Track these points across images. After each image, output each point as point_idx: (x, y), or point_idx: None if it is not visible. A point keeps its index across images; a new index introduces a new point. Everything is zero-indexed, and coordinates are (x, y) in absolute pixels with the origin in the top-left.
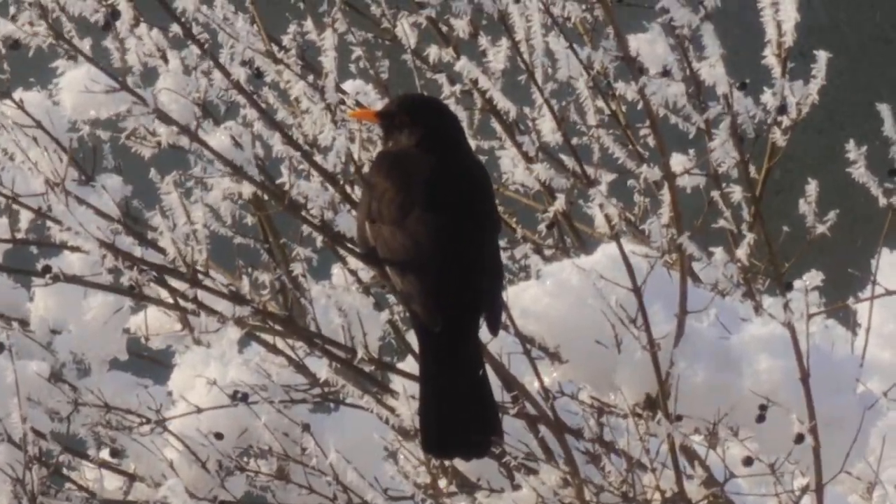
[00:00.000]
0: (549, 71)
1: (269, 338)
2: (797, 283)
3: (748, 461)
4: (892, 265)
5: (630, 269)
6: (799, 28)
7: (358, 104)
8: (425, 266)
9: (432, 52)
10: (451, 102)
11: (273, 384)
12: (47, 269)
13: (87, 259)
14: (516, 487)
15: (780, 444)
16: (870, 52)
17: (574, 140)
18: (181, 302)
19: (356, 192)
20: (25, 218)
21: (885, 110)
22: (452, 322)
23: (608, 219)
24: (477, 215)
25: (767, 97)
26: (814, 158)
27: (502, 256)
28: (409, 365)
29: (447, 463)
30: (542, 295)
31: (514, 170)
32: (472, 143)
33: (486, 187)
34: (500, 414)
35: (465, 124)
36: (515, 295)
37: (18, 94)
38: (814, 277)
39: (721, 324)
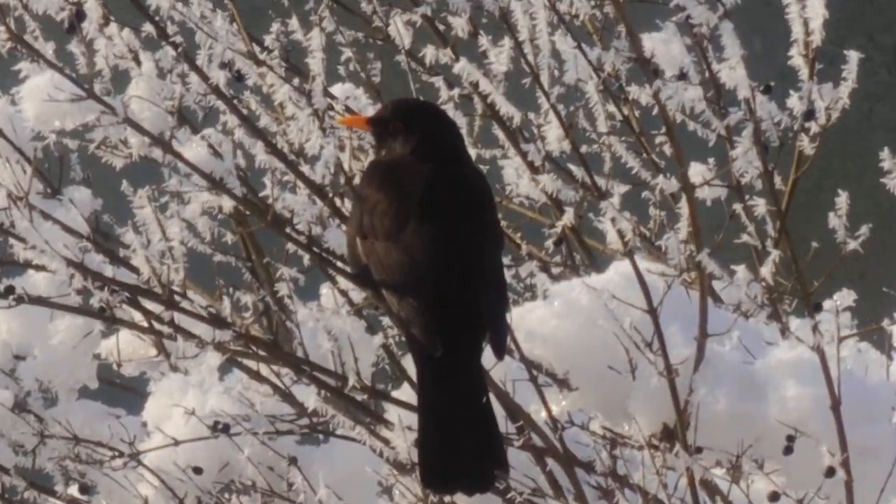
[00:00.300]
0: (556, 73)
1: (252, 364)
2: (827, 304)
3: (774, 496)
4: None
5: (645, 289)
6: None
7: (348, 110)
8: (423, 284)
9: (428, 52)
10: (449, 108)
11: (257, 414)
12: (10, 289)
13: (54, 279)
14: None
15: (810, 477)
16: None
17: (583, 148)
18: (156, 325)
19: (346, 206)
20: None
21: None
22: (453, 345)
23: (621, 234)
24: (478, 229)
25: (794, 101)
26: (845, 168)
27: (506, 275)
28: (405, 393)
29: (447, 499)
30: (549, 316)
31: (519, 181)
32: (473, 152)
33: (487, 199)
34: (504, 446)
35: (464, 131)
36: (521, 316)
37: None
38: (845, 297)
39: (744, 347)
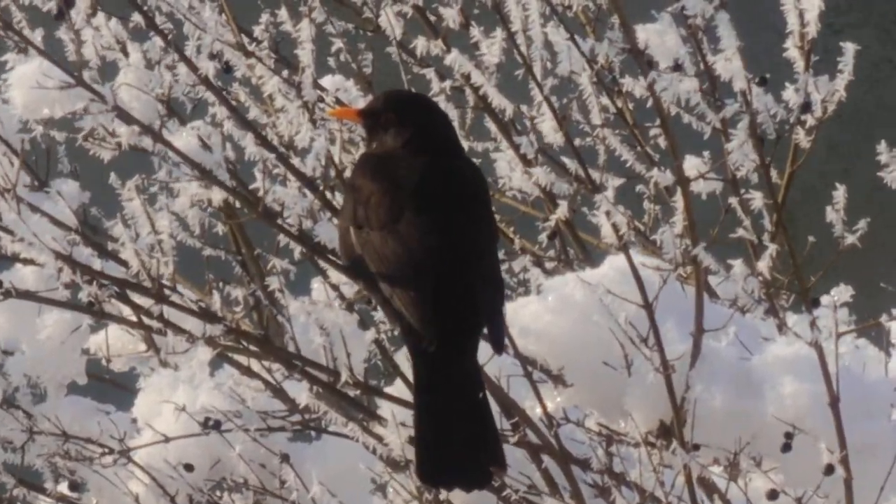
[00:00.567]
0: (549, 65)
1: (243, 359)
2: (824, 299)
3: (773, 494)
4: None
5: (640, 284)
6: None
7: (338, 102)
8: (419, 275)
9: (420, 44)
10: (440, 100)
11: (248, 410)
12: None
13: (42, 273)
14: None
15: (808, 475)
16: None
17: (577, 141)
18: (146, 320)
19: (337, 199)
20: None
21: None
22: (450, 338)
23: (615, 228)
24: (473, 222)
25: (790, 93)
26: (841, 161)
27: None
28: (398, 389)
29: (442, 496)
30: (543, 312)
31: (512, 174)
32: (465, 145)
33: (482, 192)
34: (501, 442)
35: (456, 124)
36: (514, 312)
37: None
38: (843, 292)
39: (741, 343)
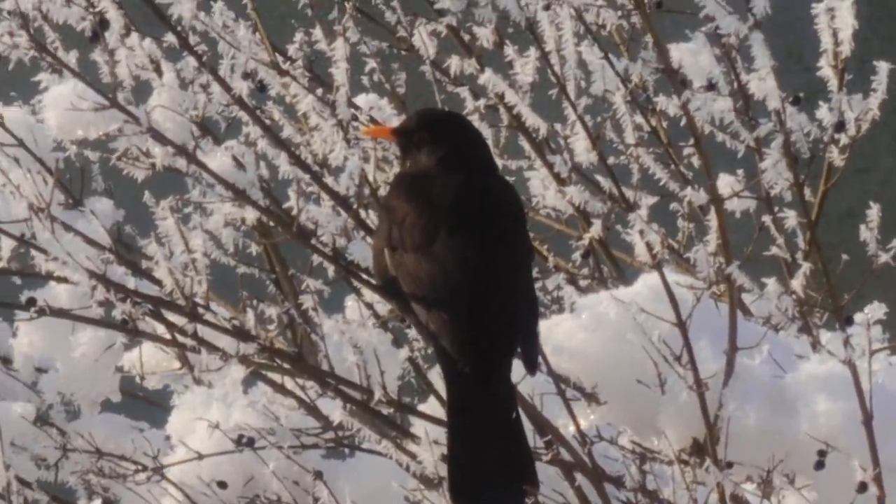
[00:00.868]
0: (583, 84)
1: (276, 377)
2: (858, 317)
3: None
4: None
5: (674, 302)
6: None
7: (372, 120)
8: (454, 297)
9: (453, 63)
10: (474, 118)
11: (282, 428)
12: (32, 301)
13: (76, 291)
14: None
15: (841, 493)
16: None
17: (611, 160)
18: (179, 337)
19: (371, 218)
20: (7, 246)
21: None
22: (484, 359)
23: (649, 246)
24: (508, 241)
25: (823, 112)
26: (876, 179)
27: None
28: (431, 407)
29: None
30: (577, 330)
31: (545, 192)
32: (499, 164)
33: (516, 211)
34: (534, 461)
35: (490, 143)
36: (548, 330)
37: None
38: (876, 310)
39: (775, 361)
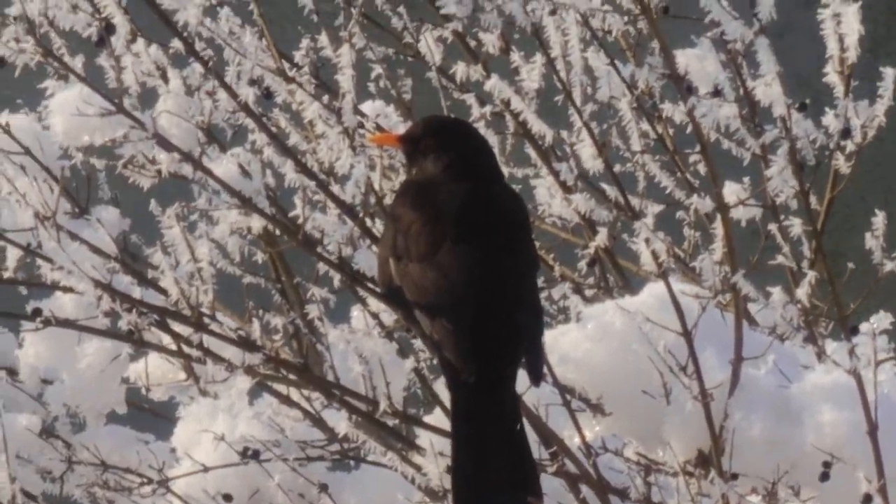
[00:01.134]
0: (589, 90)
1: (282, 388)
2: (864, 327)
3: None
4: None
5: (679, 311)
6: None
7: (378, 128)
8: (458, 307)
9: (459, 69)
10: (480, 125)
11: (287, 440)
12: (37, 312)
13: (81, 301)
14: None
15: None
16: None
17: (617, 167)
18: (185, 348)
19: (377, 226)
20: (13, 255)
21: None
22: (488, 370)
23: (655, 255)
24: (514, 250)
25: (829, 119)
26: (882, 187)
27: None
28: (437, 418)
29: None
30: (582, 340)
31: (551, 200)
32: (505, 171)
33: (522, 219)
34: (538, 473)
35: (496, 150)
36: (553, 340)
37: (4, 117)
38: (882, 320)
39: (780, 371)
